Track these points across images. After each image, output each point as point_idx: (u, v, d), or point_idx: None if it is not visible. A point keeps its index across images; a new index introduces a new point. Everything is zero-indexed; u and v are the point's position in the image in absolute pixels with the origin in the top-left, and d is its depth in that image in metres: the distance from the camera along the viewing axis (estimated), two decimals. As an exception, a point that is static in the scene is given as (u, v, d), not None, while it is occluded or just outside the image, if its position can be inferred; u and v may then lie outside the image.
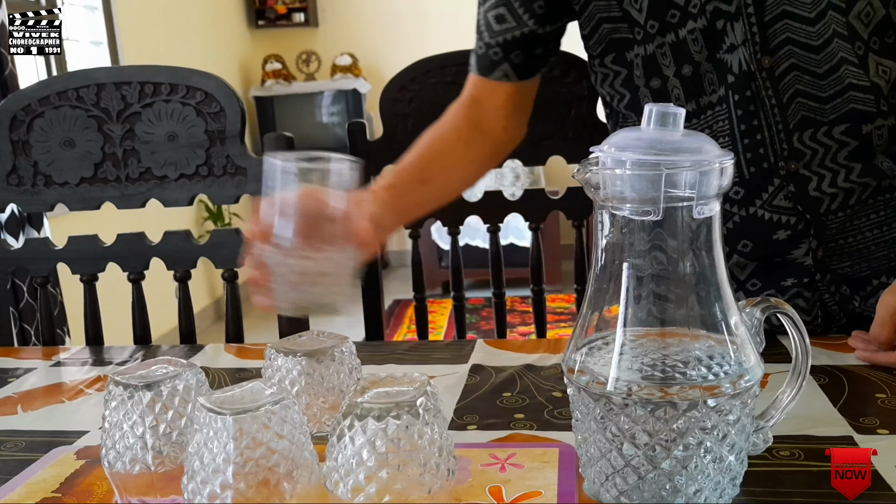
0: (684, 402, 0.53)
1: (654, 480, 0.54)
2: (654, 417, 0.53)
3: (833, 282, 0.92)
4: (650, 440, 0.54)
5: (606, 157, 0.55)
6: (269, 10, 5.13)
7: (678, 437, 0.53)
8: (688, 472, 0.54)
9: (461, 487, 0.62)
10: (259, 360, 0.93)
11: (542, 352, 0.91)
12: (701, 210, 0.54)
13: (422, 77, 1.21)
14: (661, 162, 0.52)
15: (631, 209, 0.54)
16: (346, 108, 4.97)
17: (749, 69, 0.85)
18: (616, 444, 0.55)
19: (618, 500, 0.56)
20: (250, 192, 1.15)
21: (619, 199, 0.55)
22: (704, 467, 0.54)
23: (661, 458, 0.54)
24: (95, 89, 1.16)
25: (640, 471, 0.54)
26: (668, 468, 0.54)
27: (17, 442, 0.77)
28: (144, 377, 0.58)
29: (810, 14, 0.83)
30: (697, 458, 0.54)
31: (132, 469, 0.57)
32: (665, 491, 0.54)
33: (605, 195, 0.55)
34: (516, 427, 0.72)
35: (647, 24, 0.88)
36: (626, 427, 0.54)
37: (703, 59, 0.87)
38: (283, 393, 0.53)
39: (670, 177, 0.52)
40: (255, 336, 1.23)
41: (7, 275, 1.22)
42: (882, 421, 0.68)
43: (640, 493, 0.55)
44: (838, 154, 0.86)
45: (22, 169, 1.18)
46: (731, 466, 0.56)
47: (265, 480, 0.51)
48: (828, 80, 0.84)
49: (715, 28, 0.85)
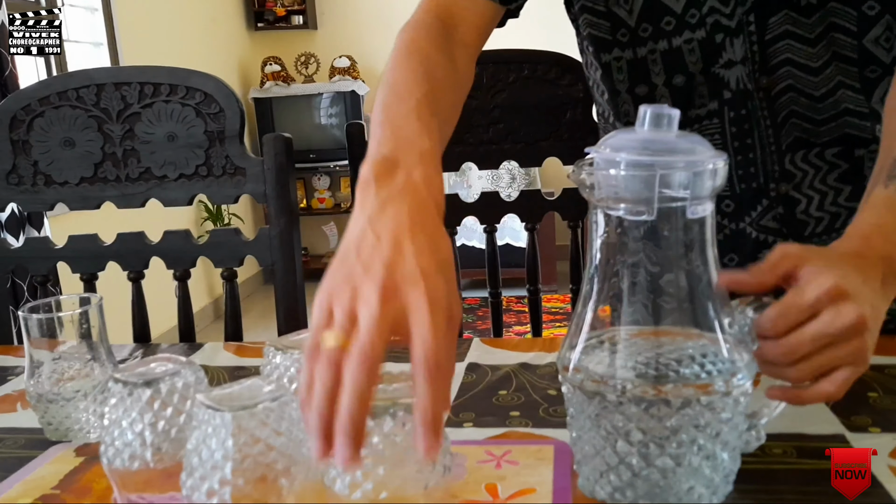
0: (678, 400, 0.53)
1: (648, 477, 0.55)
2: (647, 415, 0.54)
3: None
4: (644, 437, 0.54)
5: (601, 157, 0.55)
6: (267, 13, 5.13)
7: (672, 435, 0.54)
8: (681, 469, 0.55)
9: (457, 484, 0.62)
10: (258, 358, 0.94)
11: (537, 350, 0.91)
12: (694, 210, 0.55)
13: (420, 78, 1.21)
14: (655, 163, 0.53)
15: (625, 209, 0.55)
16: (344, 109, 4.98)
17: (746, 88, 0.83)
18: (610, 442, 0.55)
19: (612, 496, 0.57)
20: (249, 192, 1.16)
21: (613, 199, 0.55)
22: (698, 465, 0.55)
23: (655, 455, 0.54)
24: (95, 89, 1.17)
25: (633, 468, 0.55)
26: (661, 465, 0.54)
27: (16, 439, 0.77)
28: (144, 374, 0.59)
29: (811, 35, 0.80)
30: (691, 455, 0.54)
31: (131, 466, 0.57)
32: (659, 488, 0.55)
33: (599, 196, 0.56)
34: (512, 424, 0.73)
35: (639, 27, 0.86)
36: (619, 424, 0.55)
37: (698, 71, 0.85)
38: (281, 390, 0.53)
39: (664, 177, 0.53)
40: (254, 335, 1.24)
41: (7, 274, 1.22)
42: (874, 419, 0.69)
43: (635, 490, 0.56)
44: (828, 176, 0.85)
45: (22, 168, 1.19)
46: (725, 464, 0.56)
47: (263, 477, 0.51)
48: (824, 104, 0.82)
49: (713, 41, 0.83)
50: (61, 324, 0.75)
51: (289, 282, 1.17)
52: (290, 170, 1.16)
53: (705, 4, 0.82)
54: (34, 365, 0.76)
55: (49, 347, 0.76)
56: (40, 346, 0.76)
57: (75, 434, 0.76)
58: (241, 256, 1.17)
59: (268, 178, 1.15)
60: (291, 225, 1.16)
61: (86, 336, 0.76)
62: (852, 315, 0.55)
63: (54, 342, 0.76)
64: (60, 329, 0.75)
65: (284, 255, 1.16)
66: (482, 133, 1.21)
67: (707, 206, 0.55)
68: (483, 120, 1.21)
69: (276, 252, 1.16)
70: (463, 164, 1.23)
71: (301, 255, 1.20)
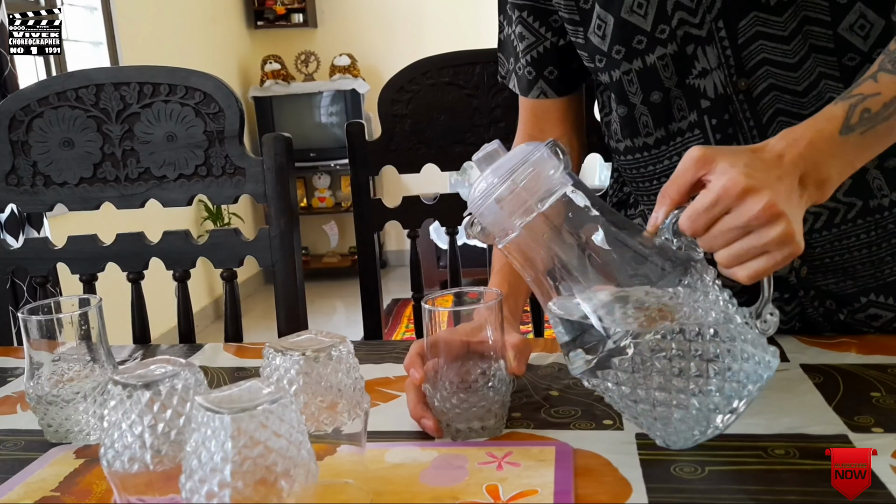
0: (691, 330, 0.59)
1: (699, 409, 0.60)
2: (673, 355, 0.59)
3: (817, 297, 0.91)
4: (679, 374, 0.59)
5: (472, 210, 0.65)
6: (267, 11, 5.13)
7: (700, 361, 0.59)
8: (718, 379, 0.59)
9: (458, 486, 0.62)
10: (258, 359, 0.94)
11: (538, 351, 0.91)
12: (544, 202, 0.62)
13: (420, 78, 1.21)
14: (495, 196, 0.62)
15: (511, 234, 0.64)
16: (344, 108, 4.98)
17: (725, 92, 0.83)
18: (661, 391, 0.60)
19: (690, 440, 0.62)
20: (249, 192, 1.16)
21: (499, 234, 0.64)
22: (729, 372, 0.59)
23: (693, 388, 0.59)
24: (94, 90, 1.16)
25: (684, 403, 0.60)
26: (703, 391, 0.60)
27: (16, 441, 0.77)
28: (143, 377, 0.58)
29: (784, 32, 0.80)
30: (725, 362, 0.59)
31: (131, 468, 0.57)
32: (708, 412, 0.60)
33: (491, 233, 0.65)
34: (513, 426, 0.73)
35: (611, 50, 0.87)
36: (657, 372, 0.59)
37: (673, 84, 0.86)
38: (280, 392, 0.53)
39: (518, 193, 0.62)
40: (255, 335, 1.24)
41: (7, 274, 1.22)
42: (877, 420, 0.69)
43: (688, 424, 0.61)
44: None
45: (21, 169, 1.19)
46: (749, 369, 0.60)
47: (263, 479, 0.51)
48: (808, 97, 0.82)
49: (685, 53, 0.84)
50: (61, 325, 0.75)
51: (289, 282, 1.16)
52: (290, 170, 1.16)
53: (674, 18, 0.82)
54: (34, 366, 0.76)
55: (49, 349, 0.76)
56: (40, 347, 0.75)
57: (75, 436, 0.75)
58: (240, 257, 1.17)
59: (267, 178, 1.14)
60: (291, 225, 1.16)
61: (85, 337, 0.76)
62: (758, 205, 0.59)
63: (54, 343, 0.76)
64: (60, 330, 0.75)
65: (284, 256, 1.16)
66: (483, 132, 1.21)
67: (567, 185, 0.63)
68: (484, 119, 1.21)
69: (276, 252, 1.16)
70: (464, 163, 1.23)
71: (301, 256, 1.20)
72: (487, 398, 0.69)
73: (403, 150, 1.23)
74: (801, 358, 0.83)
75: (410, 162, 1.24)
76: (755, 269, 0.62)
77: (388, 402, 0.81)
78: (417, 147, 1.23)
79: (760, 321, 0.63)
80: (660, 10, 0.82)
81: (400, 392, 0.81)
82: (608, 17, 0.85)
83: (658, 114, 0.88)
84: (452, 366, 0.70)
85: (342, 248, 5.37)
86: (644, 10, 0.83)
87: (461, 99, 1.21)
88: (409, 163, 1.24)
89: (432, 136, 1.22)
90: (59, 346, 0.76)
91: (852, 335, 0.90)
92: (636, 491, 0.60)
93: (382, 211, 1.25)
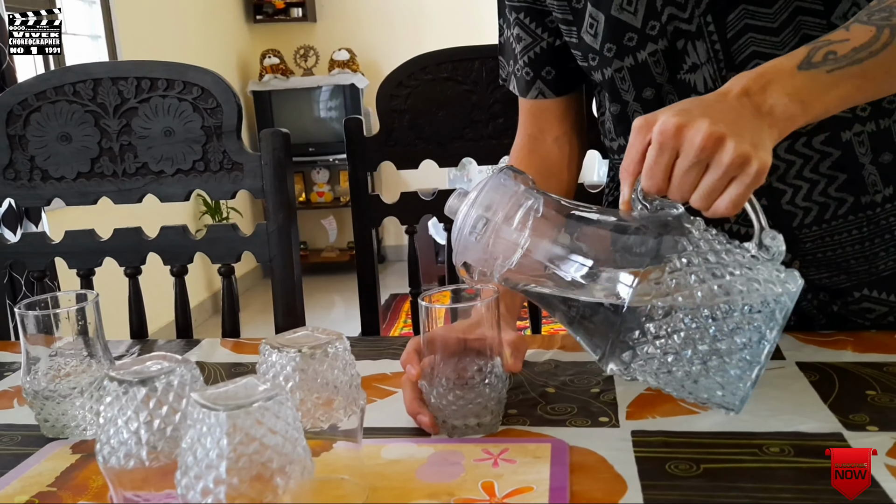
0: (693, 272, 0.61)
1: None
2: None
3: (810, 290, 0.91)
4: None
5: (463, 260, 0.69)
6: (266, 5, 5.12)
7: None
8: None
9: (454, 482, 0.62)
10: (255, 354, 0.93)
11: (535, 347, 0.91)
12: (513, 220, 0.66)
13: (418, 73, 1.21)
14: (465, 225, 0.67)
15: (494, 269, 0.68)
16: (343, 102, 4.97)
17: (715, 87, 0.82)
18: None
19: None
20: (247, 188, 1.15)
21: (497, 265, 0.68)
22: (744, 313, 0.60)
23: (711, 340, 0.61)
24: (92, 84, 1.16)
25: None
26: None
27: (13, 436, 0.77)
28: (139, 373, 0.58)
29: (773, 24, 0.80)
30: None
31: (127, 464, 0.57)
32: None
33: (490, 270, 0.68)
34: (509, 422, 0.73)
35: (603, 48, 0.87)
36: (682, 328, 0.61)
37: (665, 80, 0.86)
38: (276, 389, 0.53)
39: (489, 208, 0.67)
40: (253, 329, 1.24)
41: (4, 269, 1.22)
42: (872, 418, 0.69)
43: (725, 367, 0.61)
44: (820, 164, 0.84)
45: (19, 163, 1.19)
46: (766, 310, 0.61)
47: (258, 476, 0.51)
48: None
49: (676, 48, 0.84)
50: (58, 320, 0.75)
51: (287, 277, 1.16)
52: (288, 165, 1.16)
53: (663, 14, 0.82)
54: (31, 361, 0.76)
55: (46, 344, 0.76)
56: (37, 342, 0.76)
57: (72, 431, 0.75)
58: (238, 252, 1.17)
59: (265, 173, 1.14)
60: (289, 220, 1.16)
61: (82, 332, 0.75)
62: (698, 136, 0.60)
63: (51, 338, 0.76)
64: (57, 325, 0.75)
65: (282, 251, 1.15)
66: (482, 128, 1.21)
67: (531, 199, 0.68)
68: (483, 115, 1.21)
69: (273, 248, 1.15)
70: (463, 159, 1.23)
71: (299, 251, 1.20)
72: (484, 395, 0.70)
73: (402, 145, 1.23)
74: (797, 355, 0.83)
75: (409, 157, 1.24)
76: (729, 198, 0.61)
77: (385, 398, 0.81)
78: (416, 142, 1.23)
79: (764, 250, 0.63)
80: (649, 6, 0.82)
81: (396, 388, 0.81)
82: (599, 16, 0.85)
83: (650, 110, 0.87)
84: (449, 362, 0.70)
85: (341, 243, 5.37)
86: (634, 7, 0.83)
87: (460, 94, 1.21)
88: (408, 158, 1.24)
89: (431, 131, 1.22)
90: (55, 342, 0.76)
91: (848, 332, 0.90)
92: (631, 488, 0.60)
93: (380, 206, 1.25)
